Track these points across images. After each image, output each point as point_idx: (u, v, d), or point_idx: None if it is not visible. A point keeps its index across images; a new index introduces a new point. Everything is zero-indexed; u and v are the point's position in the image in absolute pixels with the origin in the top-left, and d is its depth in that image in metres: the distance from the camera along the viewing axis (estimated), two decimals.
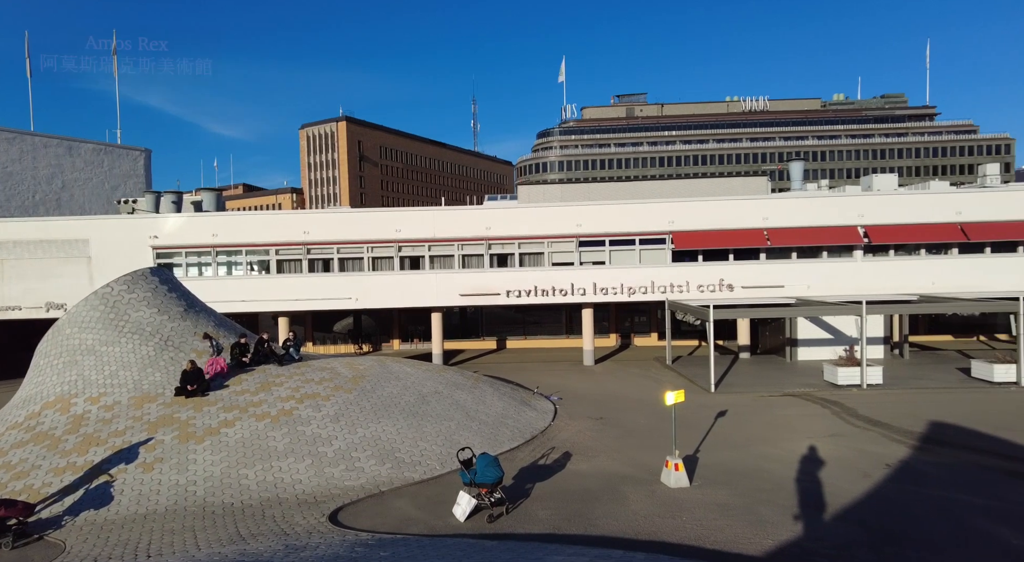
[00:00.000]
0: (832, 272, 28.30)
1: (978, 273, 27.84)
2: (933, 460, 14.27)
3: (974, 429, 16.59)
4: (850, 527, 10.72)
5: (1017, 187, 31.51)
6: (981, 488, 12.43)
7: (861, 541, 10.14)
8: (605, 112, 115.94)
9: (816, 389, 22.06)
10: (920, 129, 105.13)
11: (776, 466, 14.00)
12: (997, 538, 10.22)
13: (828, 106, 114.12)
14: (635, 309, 34.59)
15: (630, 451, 15.40)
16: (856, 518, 11.08)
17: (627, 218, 28.84)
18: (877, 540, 10.16)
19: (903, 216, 28.34)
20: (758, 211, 28.60)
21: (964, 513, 11.21)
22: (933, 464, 13.99)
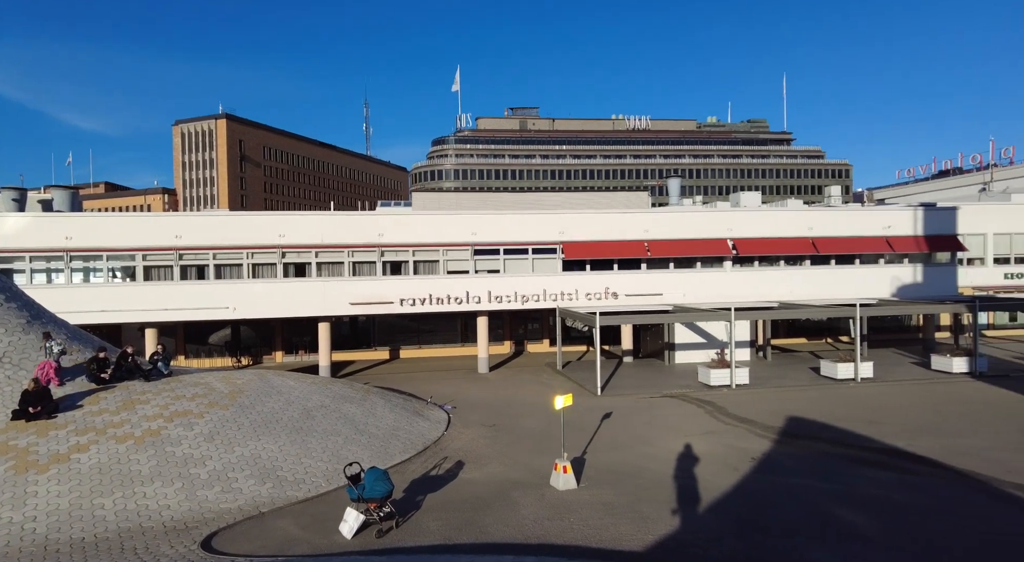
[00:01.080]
0: (705, 281, 30.62)
1: (826, 282, 31.38)
2: (790, 452, 15.81)
3: (823, 422, 18.60)
4: (721, 518, 11.58)
5: (855, 207, 35.94)
6: (829, 474, 13.94)
7: (730, 530, 10.99)
8: (500, 123, 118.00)
9: (692, 390, 23.69)
10: (779, 152, 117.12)
11: (656, 464, 14.84)
12: (841, 518, 11.49)
13: (702, 128, 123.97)
14: (528, 316, 35.31)
15: (521, 456, 15.63)
16: (726, 509, 12.00)
17: (521, 228, 29.44)
18: (744, 528, 11.06)
19: (765, 230, 31.36)
20: (640, 224, 30.37)
21: (816, 498, 12.51)
22: (790, 455, 15.49)
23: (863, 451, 15.68)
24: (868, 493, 12.69)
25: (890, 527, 11.03)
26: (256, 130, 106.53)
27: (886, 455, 15.31)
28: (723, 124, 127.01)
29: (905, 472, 14.04)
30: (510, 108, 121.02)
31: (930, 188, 48.05)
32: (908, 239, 32.48)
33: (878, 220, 32.51)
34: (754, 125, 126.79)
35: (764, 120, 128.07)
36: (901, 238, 32.35)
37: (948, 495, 12.56)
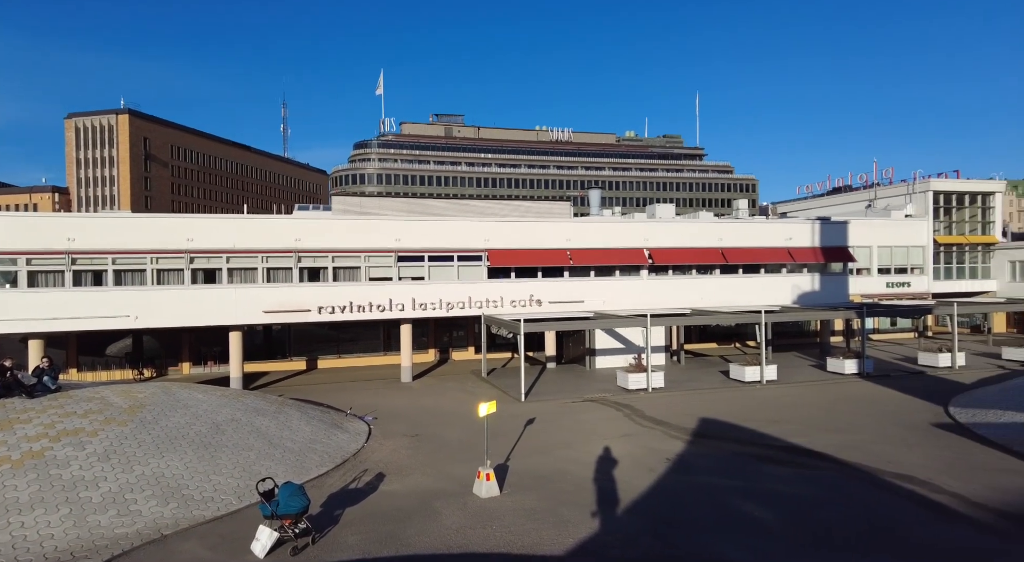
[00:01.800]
0: (624, 289, 31.69)
1: (734, 290, 33.30)
2: (702, 451, 16.60)
3: (731, 422, 19.68)
4: (638, 518, 11.98)
5: (760, 220, 38.42)
6: (737, 472, 14.76)
7: (646, 530, 11.38)
8: (425, 129, 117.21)
9: (611, 394, 24.40)
10: (692, 167, 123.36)
11: (577, 468, 15.15)
12: (747, 513, 12.19)
13: (621, 142, 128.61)
14: (454, 324, 35.14)
15: (444, 465, 15.50)
16: (643, 510, 12.43)
17: (446, 235, 29.33)
18: (659, 527, 11.50)
19: (679, 241, 32.91)
20: (563, 233, 31.06)
21: (724, 495, 13.20)
22: (702, 455, 16.27)
23: (767, 449, 16.72)
24: (771, 488, 13.54)
25: (789, 519, 11.81)
26: (163, 128, 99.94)
27: (787, 452, 16.41)
28: (641, 139, 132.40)
29: (803, 467, 15.09)
30: (435, 114, 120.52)
31: (825, 203, 52.19)
32: (807, 250, 35.11)
33: (780, 232, 34.94)
34: (669, 140, 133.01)
35: (679, 136, 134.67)
36: (801, 249, 34.92)
37: (839, 486, 13.62)
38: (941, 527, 11.36)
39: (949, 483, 13.52)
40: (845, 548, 10.51)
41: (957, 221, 44.56)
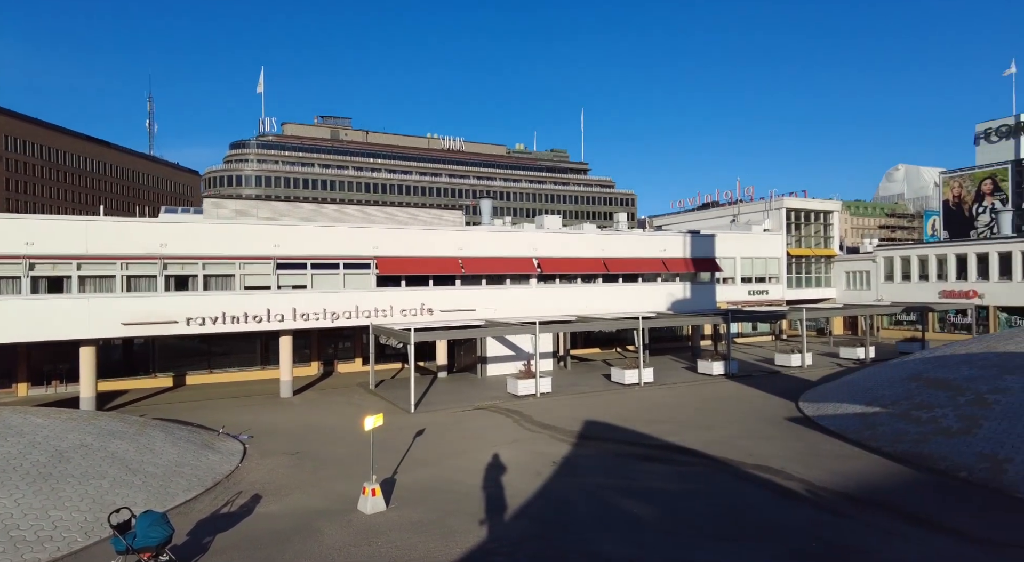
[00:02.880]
0: (514, 297, 32.25)
1: (615, 298, 35.04)
2: (586, 453, 17.23)
3: (613, 424, 20.63)
4: (525, 523, 12.16)
5: (638, 232, 40.82)
6: (618, 471, 15.47)
7: (533, 533, 11.59)
8: (309, 131, 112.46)
9: (501, 401, 24.67)
10: (577, 181, 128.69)
11: (466, 477, 15.12)
12: (627, 510, 12.80)
13: (512, 154, 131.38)
14: (339, 335, 33.81)
15: (327, 483, 14.82)
16: (530, 513, 12.64)
17: (331, 241, 28.21)
18: (545, 530, 11.75)
19: (566, 251, 34.10)
20: (455, 242, 31.06)
21: (606, 494, 13.78)
22: (586, 456, 16.88)
23: (645, 448, 17.69)
24: (648, 485, 14.34)
25: (664, 512, 12.57)
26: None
27: (663, 450, 17.47)
28: (530, 152, 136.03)
29: (677, 464, 16.14)
30: (321, 116, 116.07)
31: (695, 218, 56.58)
32: (679, 261, 37.76)
33: (656, 244, 37.32)
34: (556, 155, 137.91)
35: (565, 151, 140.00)
36: (674, 260, 37.50)
37: (708, 479, 14.72)
38: (789, 509, 12.62)
39: (799, 470, 15.07)
40: (712, 536, 11.36)
41: (804, 235, 50.13)
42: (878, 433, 17.47)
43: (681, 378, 29.63)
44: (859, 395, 20.53)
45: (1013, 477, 13.57)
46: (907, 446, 16.23)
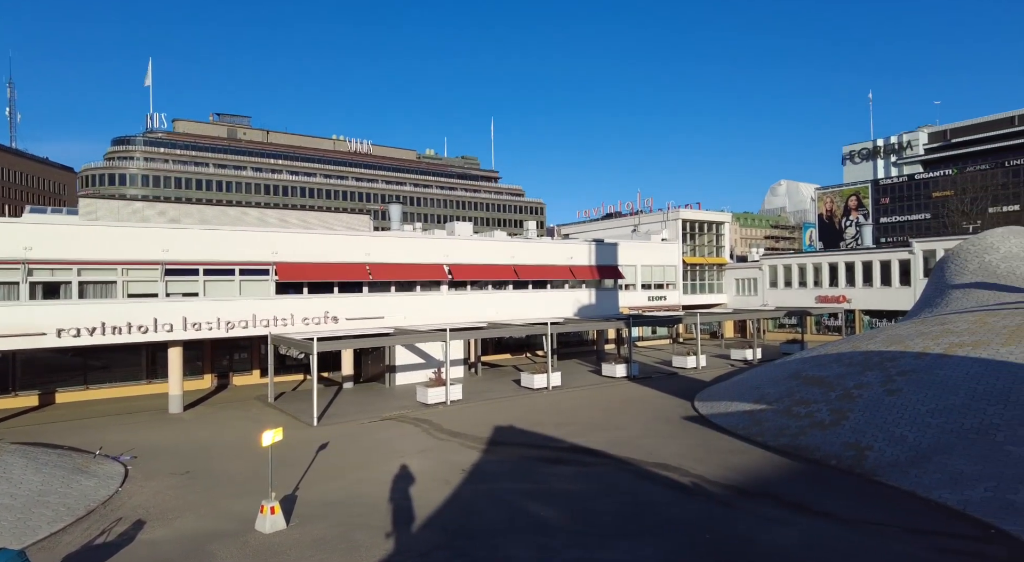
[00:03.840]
0: (424, 304, 31.91)
1: (525, 304, 35.60)
2: (496, 459, 17.32)
3: (522, 428, 20.89)
4: (433, 532, 12.03)
5: (547, 240, 41.73)
6: (526, 475, 15.67)
7: (440, 543, 11.48)
8: (203, 128, 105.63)
9: (411, 410, 24.27)
10: (488, 188, 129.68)
11: (372, 489, 14.73)
12: (534, 513, 13.00)
13: (422, 159, 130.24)
14: (235, 345, 31.85)
15: (222, 503, 13.90)
16: (438, 523, 12.52)
17: (227, 245, 26.58)
18: (453, 537, 11.68)
19: (477, 258, 34.23)
20: (362, 247, 30.27)
21: (514, 498, 13.92)
22: (495, 462, 16.97)
23: (553, 451, 18.07)
24: (555, 487, 14.65)
25: (570, 514, 12.89)
26: None
27: (569, 452, 17.91)
28: (440, 158, 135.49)
29: (582, 465, 16.61)
30: (217, 113, 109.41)
31: (600, 227, 58.74)
32: (585, 268, 39.01)
33: (564, 252, 38.36)
34: (467, 161, 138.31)
35: (476, 158, 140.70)
36: (580, 267, 38.69)
37: (611, 479, 15.26)
38: (686, 503, 13.36)
39: (694, 466, 15.99)
40: (615, 533, 11.78)
41: (699, 245, 53.44)
42: (764, 428, 18.89)
43: (587, 381, 30.55)
44: (747, 394, 22.12)
45: (873, 463, 15.15)
46: (788, 439, 17.68)
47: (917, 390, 16.65)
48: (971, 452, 13.99)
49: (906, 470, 14.41)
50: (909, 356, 18.41)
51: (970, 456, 13.90)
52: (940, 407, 15.66)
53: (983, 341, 17.52)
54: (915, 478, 14.01)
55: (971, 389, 15.70)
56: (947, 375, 16.62)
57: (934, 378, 16.76)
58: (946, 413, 15.38)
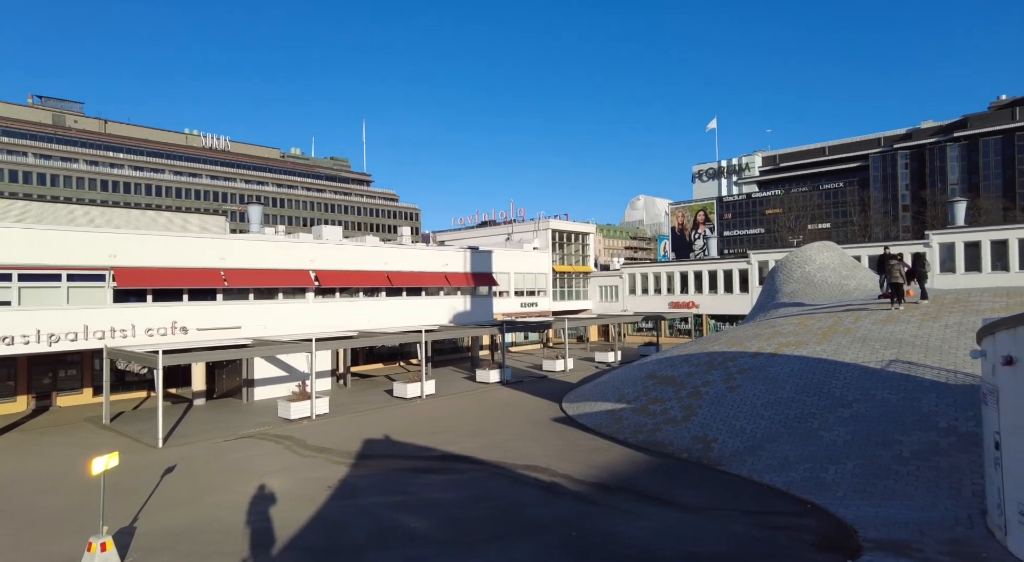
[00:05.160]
0: (287, 312, 30.14)
1: (398, 312, 34.94)
2: (364, 473, 16.75)
3: (394, 439, 20.42)
4: (296, 553, 11.33)
5: (421, 247, 41.37)
6: (397, 487, 15.32)
7: None
8: (22, 112, 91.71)
9: (272, 426, 22.74)
10: (360, 191, 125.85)
11: (227, 514, 13.57)
12: (404, 526, 12.74)
13: (287, 158, 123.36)
14: (60, 361, 27.83)
15: (37, 545, 12.04)
16: (302, 543, 11.82)
17: (50, 247, 23.24)
18: (318, 558, 11.09)
19: (347, 264, 33.01)
20: (217, 251, 27.94)
21: (384, 512, 13.54)
22: (364, 476, 16.41)
23: (425, 460, 17.85)
24: (427, 497, 14.48)
25: (442, 523, 12.80)
26: None
27: (442, 460, 17.81)
28: (308, 158, 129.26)
29: (455, 472, 16.59)
30: (39, 96, 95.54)
31: (475, 235, 59.39)
32: (460, 275, 39.18)
33: (439, 259, 38.24)
34: (337, 163, 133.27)
35: (346, 159, 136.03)
36: (456, 274, 38.80)
37: (483, 485, 15.40)
38: (554, 503, 13.85)
39: (561, 466, 16.61)
40: (486, 538, 11.89)
41: (567, 254, 55.94)
42: (624, 426, 20.14)
43: (461, 388, 30.62)
44: (609, 394, 23.46)
45: (718, 454, 16.76)
46: (645, 436, 18.99)
47: (753, 386, 18.69)
48: (794, 439, 15.97)
49: (744, 458, 16.09)
50: (746, 356, 20.63)
51: (793, 442, 15.86)
52: (771, 401, 17.70)
53: (803, 341, 20.11)
54: (751, 465, 15.69)
55: (795, 384, 17.94)
56: (777, 372, 18.84)
57: (767, 375, 18.92)
58: (776, 406, 17.42)
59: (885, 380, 16.56)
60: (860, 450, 14.63)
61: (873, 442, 14.71)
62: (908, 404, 15.42)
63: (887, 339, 18.52)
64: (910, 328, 18.90)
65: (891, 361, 17.31)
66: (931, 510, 11.84)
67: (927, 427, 14.52)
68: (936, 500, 12.28)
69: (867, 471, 13.92)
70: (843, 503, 12.86)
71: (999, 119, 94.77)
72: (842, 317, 21.35)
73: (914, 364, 16.91)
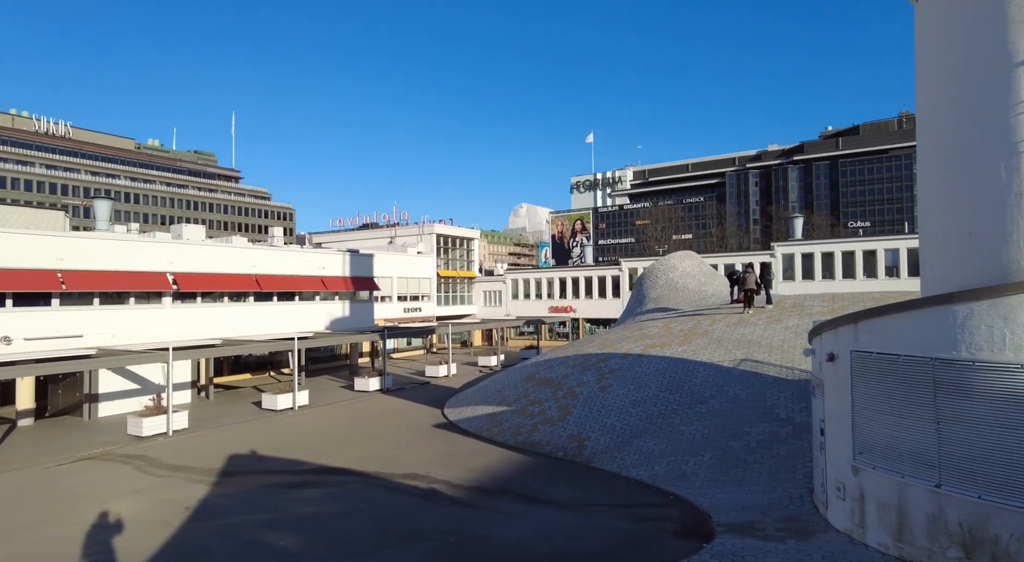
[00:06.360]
0: (140, 319, 27.30)
1: (269, 318, 32.92)
2: (228, 491, 15.55)
3: (263, 454, 19.17)
4: None
5: (296, 249, 39.37)
6: (264, 505, 14.38)
7: None
8: None
9: (119, 446, 20.43)
10: (228, 188, 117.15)
11: (60, 547, 11.97)
12: (273, 545, 11.99)
13: (143, 149, 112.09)
14: None
15: None
16: None
17: None
18: None
19: (210, 265, 30.54)
20: (53, 250, 24.67)
21: (249, 532, 12.65)
22: (228, 495, 15.23)
23: (296, 474, 16.94)
24: (299, 513, 13.74)
25: (315, 539, 12.21)
26: None
27: (315, 474, 17.00)
28: (168, 150, 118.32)
29: (330, 486, 15.90)
30: None
31: (356, 237, 57.56)
32: (339, 279, 37.74)
33: (315, 261, 36.57)
34: (202, 157, 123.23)
35: (212, 154, 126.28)
36: (334, 278, 37.31)
37: (360, 496, 14.91)
38: (433, 510, 13.74)
39: (442, 472, 16.52)
40: (363, 551, 11.52)
41: (452, 259, 55.95)
42: (504, 429, 20.48)
43: (338, 397, 29.46)
44: (490, 397, 23.75)
45: (590, 451, 17.57)
46: (524, 437, 19.45)
47: (623, 385, 19.83)
48: (658, 434, 17.16)
49: (614, 455, 17.01)
50: (617, 357, 21.85)
51: (657, 438, 17.04)
52: (638, 398, 18.89)
53: (667, 342, 21.70)
54: (620, 461, 16.62)
55: (659, 382, 19.29)
56: (644, 371, 20.14)
57: (635, 374, 20.16)
58: (642, 404, 18.61)
59: (736, 377, 18.33)
60: (715, 442, 16.05)
61: (726, 434, 16.20)
62: (755, 399, 17.18)
63: (738, 340, 20.51)
64: (757, 330, 21.08)
65: (741, 360, 19.19)
66: (772, 492, 13.25)
67: (770, 419, 16.25)
68: (776, 483, 13.77)
69: (721, 461, 15.29)
70: (701, 492, 14.01)
71: (827, 147, 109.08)
72: (700, 320, 23.32)
73: (760, 362, 18.88)
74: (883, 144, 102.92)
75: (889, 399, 9.05)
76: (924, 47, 10.18)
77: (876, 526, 9.34)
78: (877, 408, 9.28)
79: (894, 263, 39.84)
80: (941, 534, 8.35)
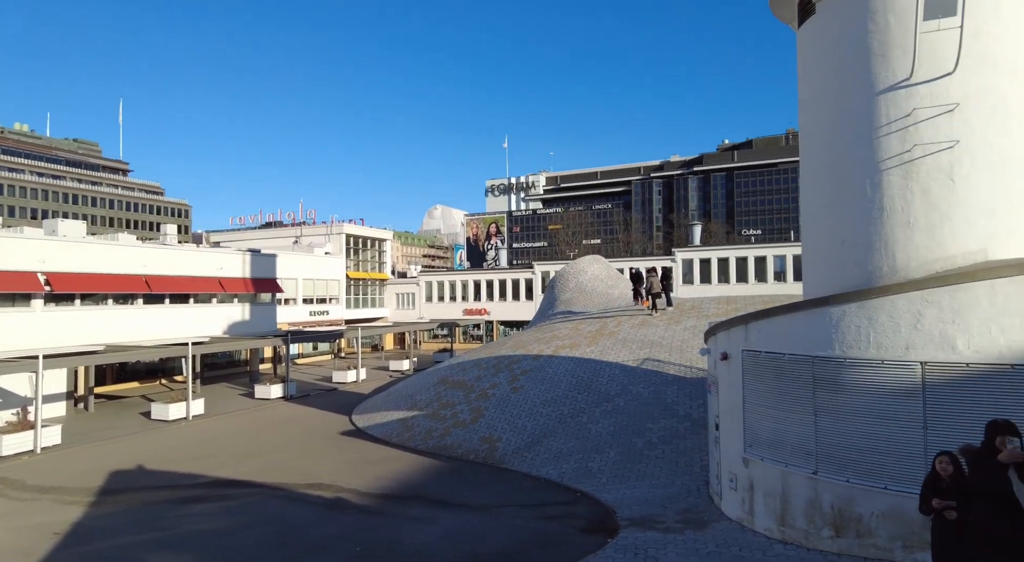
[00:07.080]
0: (4, 324, 24.42)
1: (160, 322, 30.52)
2: (109, 511, 14.21)
3: (151, 468, 17.70)
4: None
5: (191, 248, 36.81)
6: (151, 523, 13.27)
7: None
8: None
9: None
10: (114, 182, 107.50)
11: None
12: None
13: (8, 134, 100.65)
14: None
15: None
16: None
17: None
18: None
19: (92, 265, 27.88)
20: None
21: (133, 553, 11.62)
22: (109, 515, 13.92)
23: (189, 489, 15.78)
24: (190, 530, 12.80)
25: (208, 557, 11.41)
26: None
27: (210, 487, 15.91)
28: (40, 137, 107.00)
29: (226, 499, 14.93)
30: None
31: (258, 236, 54.65)
32: (238, 280, 35.64)
33: (212, 261, 34.32)
34: (83, 146, 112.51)
35: (96, 144, 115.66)
36: (232, 279, 35.18)
37: (260, 509, 14.12)
38: (339, 520, 13.26)
39: (349, 481, 15.99)
40: None
41: (362, 260, 54.47)
42: (415, 433, 20.15)
43: (237, 406, 27.80)
44: (401, 402, 23.31)
45: (501, 452, 17.67)
46: (435, 441, 19.24)
47: (534, 386, 20.11)
48: (566, 433, 17.56)
49: (524, 454, 17.20)
50: (529, 358, 22.14)
51: (566, 436, 17.42)
52: (549, 398, 19.23)
53: (576, 343, 22.26)
54: (530, 460, 16.83)
55: (569, 382, 19.74)
56: (554, 372, 20.54)
57: (545, 375, 20.51)
58: (552, 403, 18.96)
59: (640, 376, 19.11)
60: (620, 439, 16.64)
61: (630, 432, 16.84)
62: (656, 396, 17.98)
63: (642, 340, 21.41)
64: (659, 331, 22.11)
65: (645, 359, 20.04)
66: (671, 486, 13.92)
67: (670, 415, 17.07)
68: (675, 477, 14.48)
69: (625, 458, 15.87)
70: (606, 488, 14.47)
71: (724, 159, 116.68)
72: (607, 322, 24.13)
73: (662, 362, 19.80)
74: (773, 158, 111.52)
75: (776, 395, 9.77)
76: (804, 72, 11.13)
77: (763, 513, 10.04)
78: (765, 403, 9.99)
79: (782, 268, 43.21)
80: (816, 516, 9.11)
